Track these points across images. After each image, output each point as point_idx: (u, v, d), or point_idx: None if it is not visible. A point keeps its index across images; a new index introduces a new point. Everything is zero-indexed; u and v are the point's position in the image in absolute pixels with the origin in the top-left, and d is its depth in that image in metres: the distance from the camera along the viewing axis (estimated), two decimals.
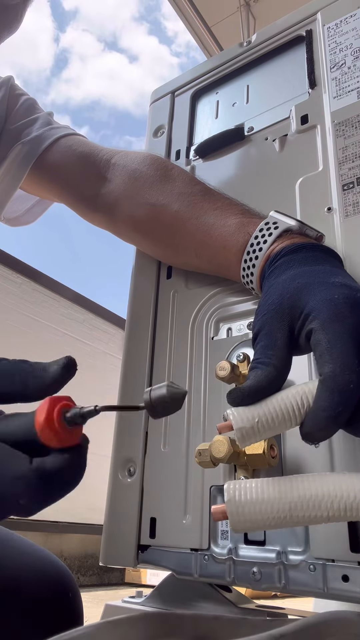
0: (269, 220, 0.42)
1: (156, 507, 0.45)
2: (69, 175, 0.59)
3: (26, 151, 0.59)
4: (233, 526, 0.28)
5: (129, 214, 0.55)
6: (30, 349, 3.01)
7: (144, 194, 0.53)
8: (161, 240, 0.53)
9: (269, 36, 0.58)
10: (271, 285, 0.36)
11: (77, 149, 0.59)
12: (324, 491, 0.27)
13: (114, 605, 0.49)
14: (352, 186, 0.44)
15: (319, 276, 0.34)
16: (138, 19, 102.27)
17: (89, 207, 0.59)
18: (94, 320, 3.38)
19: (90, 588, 2.68)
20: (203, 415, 0.45)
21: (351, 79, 0.48)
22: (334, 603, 0.44)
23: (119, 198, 0.55)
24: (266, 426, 0.29)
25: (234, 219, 0.46)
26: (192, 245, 0.49)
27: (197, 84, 0.64)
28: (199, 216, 0.48)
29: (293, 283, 0.34)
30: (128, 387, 0.52)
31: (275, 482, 0.28)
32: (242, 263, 0.43)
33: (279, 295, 0.33)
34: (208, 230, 0.47)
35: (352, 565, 0.34)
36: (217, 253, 0.46)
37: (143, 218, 0.53)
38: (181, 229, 0.50)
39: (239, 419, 0.29)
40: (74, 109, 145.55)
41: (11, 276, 2.92)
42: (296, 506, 0.27)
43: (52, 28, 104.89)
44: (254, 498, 0.28)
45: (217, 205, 0.48)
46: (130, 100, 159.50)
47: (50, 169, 0.59)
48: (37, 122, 0.61)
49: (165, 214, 0.51)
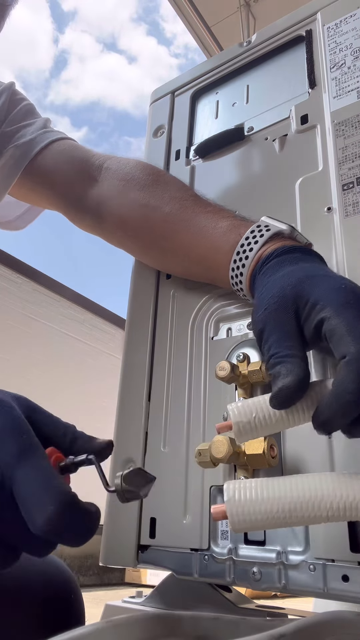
0: (261, 224, 0.42)
1: (156, 507, 0.45)
2: (60, 178, 0.59)
3: (19, 154, 0.59)
4: (233, 526, 0.28)
5: (117, 215, 0.54)
6: (30, 348, 3.01)
7: (134, 196, 0.53)
8: (150, 243, 0.53)
9: (269, 36, 0.58)
10: (267, 282, 0.36)
11: (70, 153, 0.59)
12: (324, 491, 0.27)
13: (114, 605, 0.49)
14: (352, 186, 0.44)
15: (318, 270, 0.34)
16: (136, 20, 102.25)
17: (79, 210, 0.59)
18: (94, 320, 3.38)
19: (90, 588, 2.68)
20: (203, 415, 0.45)
21: (351, 79, 0.48)
22: (334, 603, 0.44)
23: (108, 199, 0.55)
24: (263, 422, 0.29)
25: (226, 222, 0.46)
26: (182, 247, 0.49)
27: (197, 84, 0.64)
28: (190, 218, 0.48)
29: (293, 276, 0.34)
30: (128, 387, 0.52)
31: (275, 482, 0.28)
32: (232, 263, 0.43)
33: (280, 289, 0.33)
34: (199, 232, 0.47)
35: (352, 565, 0.34)
36: (206, 254, 0.46)
37: (132, 219, 0.53)
38: (171, 231, 0.50)
39: (236, 413, 0.29)
40: (73, 109, 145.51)
41: (11, 276, 2.92)
42: (296, 506, 0.27)
43: (51, 29, 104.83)
44: (253, 498, 0.28)
45: (209, 209, 0.48)
46: (129, 101, 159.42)
47: (41, 172, 0.59)
48: (32, 126, 0.61)
49: (155, 216, 0.51)
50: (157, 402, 0.49)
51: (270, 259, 0.39)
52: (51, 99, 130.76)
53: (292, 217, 0.47)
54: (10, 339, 2.94)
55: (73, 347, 3.38)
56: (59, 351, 3.25)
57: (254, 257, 0.41)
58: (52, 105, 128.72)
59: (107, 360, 3.54)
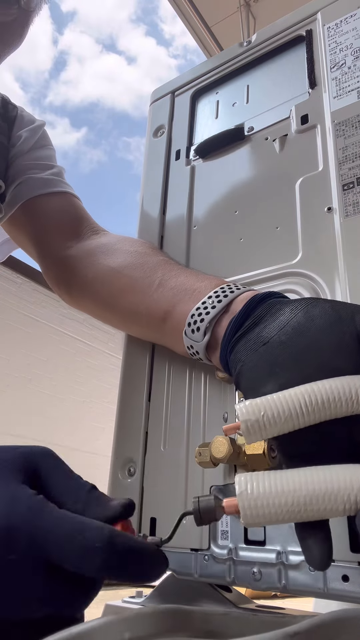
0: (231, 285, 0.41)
1: (156, 507, 0.45)
2: (49, 226, 0.60)
3: (29, 185, 0.60)
4: (245, 520, 0.27)
5: (83, 275, 0.54)
6: (30, 348, 3.01)
7: (106, 261, 0.53)
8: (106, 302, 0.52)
9: (269, 36, 0.58)
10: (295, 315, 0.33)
11: (69, 209, 0.61)
12: (340, 484, 0.26)
13: (114, 605, 0.49)
14: (352, 186, 0.44)
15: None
16: (135, 21, 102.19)
17: (52, 263, 0.59)
18: (94, 320, 3.38)
19: None
20: (203, 416, 0.45)
21: (351, 79, 0.48)
22: (334, 603, 0.44)
23: (79, 260, 0.55)
24: (272, 421, 0.28)
25: (209, 281, 0.44)
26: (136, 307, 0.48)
27: (197, 84, 0.64)
28: (171, 277, 0.47)
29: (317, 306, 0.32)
30: (128, 387, 0.52)
31: (289, 474, 0.27)
32: (212, 293, 0.41)
33: (334, 312, 0.31)
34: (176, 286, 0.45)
35: (352, 566, 0.34)
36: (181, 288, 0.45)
37: (96, 280, 0.53)
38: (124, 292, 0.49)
39: (244, 411, 0.28)
40: (72, 110, 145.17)
41: (11, 276, 2.92)
42: (311, 499, 0.26)
43: (50, 30, 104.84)
44: (267, 491, 0.26)
45: (192, 271, 0.47)
46: (128, 102, 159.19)
47: (36, 212, 0.60)
48: (51, 169, 0.63)
49: (121, 279, 0.50)
50: (157, 402, 0.49)
51: (260, 302, 0.36)
52: (50, 100, 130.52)
53: (292, 217, 0.47)
54: (10, 339, 2.94)
55: (73, 347, 3.38)
56: (59, 351, 3.25)
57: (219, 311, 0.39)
58: (52, 106, 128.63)
59: (107, 360, 3.53)
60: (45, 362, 3.13)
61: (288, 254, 0.46)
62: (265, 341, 0.32)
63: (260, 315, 0.35)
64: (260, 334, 0.33)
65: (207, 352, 0.40)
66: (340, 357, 0.29)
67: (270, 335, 0.32)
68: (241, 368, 0.33)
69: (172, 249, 0.56)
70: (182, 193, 0.58)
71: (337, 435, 0.29)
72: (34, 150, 0.64)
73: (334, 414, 0.28)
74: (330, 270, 0.42)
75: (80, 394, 3.40)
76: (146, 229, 0.59)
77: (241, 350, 0.34)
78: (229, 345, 0.36)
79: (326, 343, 0.30)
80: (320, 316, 0.31)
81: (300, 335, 0.31)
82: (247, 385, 0.32)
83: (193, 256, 0.54)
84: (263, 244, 0.48)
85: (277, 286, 0.45)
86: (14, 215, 0.60)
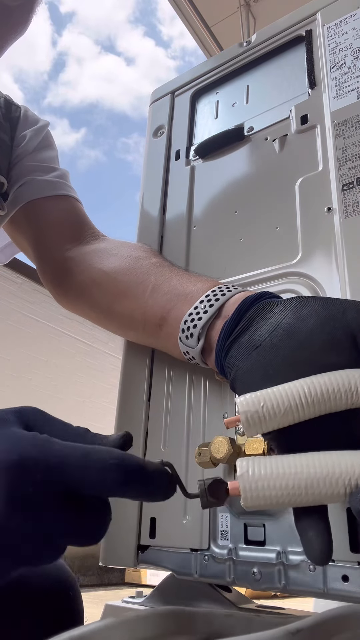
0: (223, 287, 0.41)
1: (156, 507, 0.45)
2: (51, 231, 0.60)
3: (32, 187, 0.60)
4: (245, 502, 0.27)
5: (80, 278, 0.54)
6: (30, 348, 3.01)
7: (102, 264, 0.53)
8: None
9: (269, 36, 0.58)
10: (294, 312, 0.33)
11: (71, 213, 0.61)
12: (342, 467, 0.26)
13: (114, 605, 0.49)
14: (352, 186, 0.44)
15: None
16: (134, 22, 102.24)
17: (49, 266, 0.59)
18: None
19: (90, 588, 2.68)
20: (203, 415, 0.45)
21: (351, 79, 0.48)
22: (334, 603, 0.44)
23: (77, 264, 0.55)
24: (271, 412, 0.28)
25: (202, 283, 0.44)
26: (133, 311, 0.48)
27: (197, 84, 0.64)
28: (164, 281, 0.47)
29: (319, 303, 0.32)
30: (128, 387, 0.52)
31: (291, 458, 0.27)
32: (204, 297, 0.40)
33: (334, 309, 0.31)
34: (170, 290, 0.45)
35: (352, 566, 0.34)
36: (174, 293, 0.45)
37: (91, 283, 0.53)
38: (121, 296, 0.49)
39: (244, 403, 0.29)
40: (71, 111, 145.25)
41: (11, 276, 2.92)
42: (312, 482, 0.26)
43: (49, 31, 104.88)
44: (267, 473, 0.27)
45: (185, 274, 0.47)
46: (127, 103, 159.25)
47: (37, 214, 0.60)
48: (55, 171, 0.63)
49: (113, 283, 0.50)
50: (157, 402, 0.49)
51: (255, 301, 0.36)
52: (49, 101, 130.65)
53: (292, 217, 0.47)
54: (10, 339, 2.94)
55: (73, 347, 3.38)
56: (59, 351, 3.25)
57: (228, 300, 0.39)
58: (51, 107, 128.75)
59: (107, 360, 3.53)
60: (45, 362, 3.13)
61: (288, 254, 0.46)
62: (257, 345, 0.33)
63: (252, 318, 0.35)
64: (252, 337, 0.33)
65: (202, 357, 0.40)
66: (333, 354, 0.29)
67: (262, 339, 0.32)
68: (236, 373, 0.34)
69: (172, 249, 0.56)
70: (182, 193, 0.58)
71: (336, 429, 0.29)
72: (38, 151, 0.64)
73: (333, 407, 0.28)
74: (330, 271, 0.42)
75: (80, 394, 3.40)
76: (146, 229, 0.59)
77: (235, 354, 0.34)
78: (222, 350, 0.36)
79: (318, 342, 0.30)
80: (311, 315, 0.31)
81: (291, 336, 0.31)
82: (243, 390, 0.33)
83: (193, 256, 0.54)
84: (263, 244, 0.49)
85: (277, 286, 0.45)
86: (14, 215, 0.61)
